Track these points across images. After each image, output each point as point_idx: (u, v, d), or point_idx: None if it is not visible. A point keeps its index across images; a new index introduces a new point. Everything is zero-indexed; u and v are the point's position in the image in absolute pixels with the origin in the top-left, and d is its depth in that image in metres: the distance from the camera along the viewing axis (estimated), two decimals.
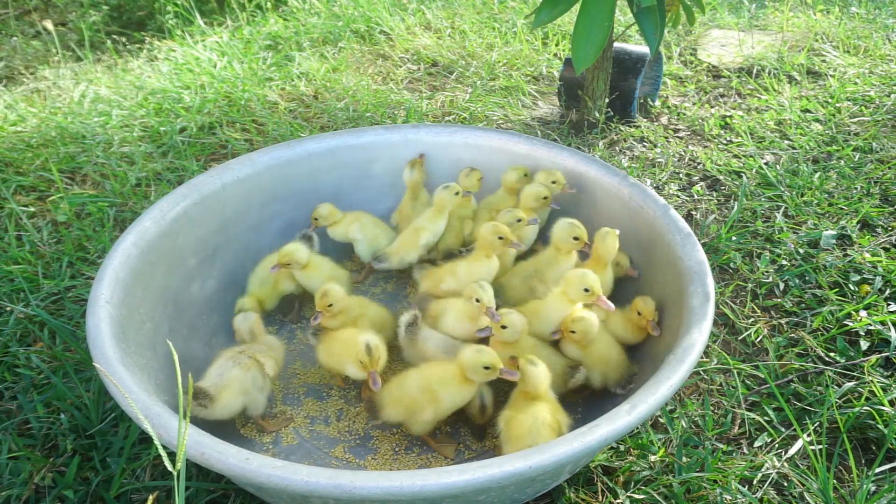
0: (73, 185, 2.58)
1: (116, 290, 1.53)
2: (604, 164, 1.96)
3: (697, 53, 3.48)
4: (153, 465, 1.56)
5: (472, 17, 3.86)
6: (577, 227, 1.78)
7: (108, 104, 3.06)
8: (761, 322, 1.95)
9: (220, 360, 1.62)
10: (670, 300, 1.66)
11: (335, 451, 1.63)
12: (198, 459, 1.18)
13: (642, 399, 1.27)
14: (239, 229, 1.97)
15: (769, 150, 2.67)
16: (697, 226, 2.29)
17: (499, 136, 2.11)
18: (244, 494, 1.51)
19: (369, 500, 1.12)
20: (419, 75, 3.35)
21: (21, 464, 1.55)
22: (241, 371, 1.58)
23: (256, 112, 2.95)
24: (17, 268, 2.11)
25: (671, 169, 2.58)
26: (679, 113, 2.96)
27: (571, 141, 2.74)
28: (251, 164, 1.97)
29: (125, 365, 1.36)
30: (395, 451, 1.63)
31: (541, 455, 1.16)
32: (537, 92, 3.16)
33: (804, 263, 2.09)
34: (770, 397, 1.73)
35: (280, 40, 3.69)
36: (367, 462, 1.60)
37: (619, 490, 1.50)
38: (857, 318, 1.89)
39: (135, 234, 1.67)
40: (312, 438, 1.66)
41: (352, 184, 2.14)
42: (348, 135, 2.12)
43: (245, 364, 1.59)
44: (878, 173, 2.47)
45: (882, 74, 3.13)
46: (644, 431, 1.63)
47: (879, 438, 1.62)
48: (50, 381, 1.76)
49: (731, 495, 1.47)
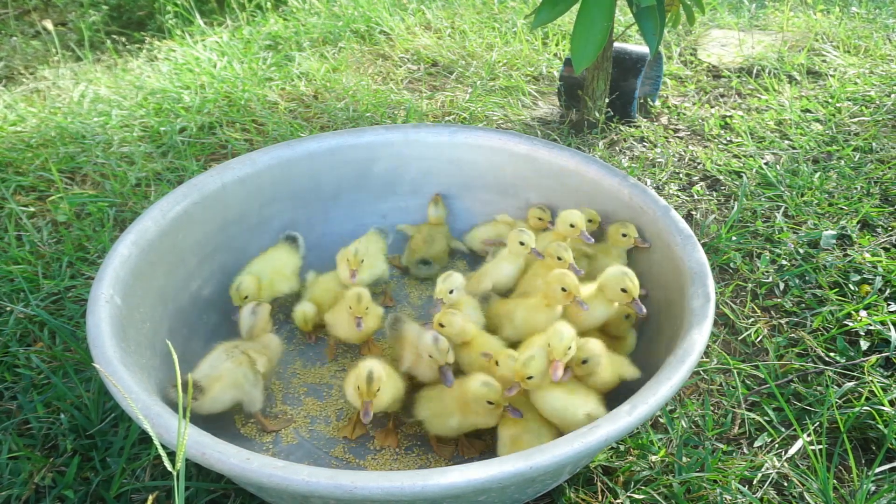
0: (73, 185, 2.58)
1: (116, 290, 1.53)
2: (604, 165, 1.96)
3: (697, 53, 3.48)
4: (153, 465, 1.56)
5: (472, 17, 3.86)
6: (630, 279, 1.63)
7: (107, 104, 3.06)
8: (761, 322, 1.95)
9: (214, 353, 1.62)
10: (670, 301, 1.66)
11: (335, 450, 1.63)
12: (198, 459, 1.18)
13: (643, 399, 1.27)
14: (239, 229, 1.97)
15: (769, 150, 2.67)
16: (697, 226, 2.29)
17: (499, 136, 2.11)
18: (244, 494, 1.51)
19: (370, 500, 1.12)
20: (419, 75, 3.35)
21: (21, 464, 1.55)
22: (232, 364, 1.57)
23: (256, 112, 2.95)
24: (17, 268, 2.11)
25: (671, 169, 2.58)
26: (679, 113, 2.96)
27: (571, 141, 2.74)
28: (251, 164, 1.97)
29: (125, 365, 1.36)
30: (395, 452, 1.63)
31: (541, 455, 1.16)
32: (537, 92, 3.16)
33: (804, 263, 2.09)
34: (770, 397, 1.73)
35: (280, 40, 3.68)
36: (368, 462, 1.60)
37: (619, 490, 1.50)
38: (857, 318, 1.89)
39: (135, 233, 1.67)
40: (312, 438, 1.66)
41: (352, 184, 2.14)
42: (348, 135, 2.12)
43: (237, 359, 1.59)
44: (878, 173, 2.47)
45: (882, 74, 3.13)
46: (644, 431, 1.63)
47: (879, 438, 1.62)
48: (50, 381, 1.76)
49: (731, 495, 1.47)
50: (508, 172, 2.11)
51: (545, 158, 2.05)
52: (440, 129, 2.15)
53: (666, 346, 1.53)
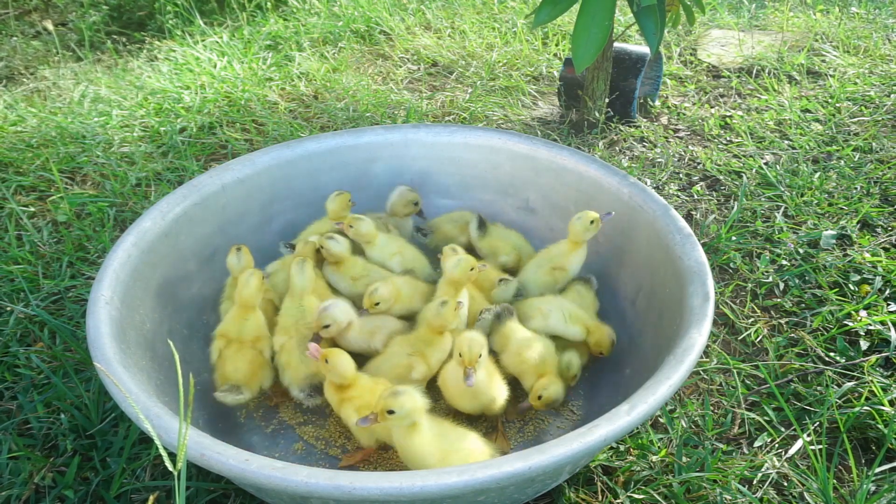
0: (74, 185, 2.58)
1: (116, 291, 1.53)
2: (604, 164, 1.96)
3: (697, 53, 3.48)
4: (153, 465, 1.56)
5: (472, 17, 3.86)
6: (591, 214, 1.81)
7: (108, 104, 3.06)
8: (761, 322, 1.95)
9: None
10: (670, 300, 1.65)
11: (334, 451, 1.63)
12: (197, 460, 1.18)
13: (642, 399, 1.27)
14: (239, 230, 1.97)
15: (769, 150, 2.67)
16: (697, 226, 2.29)
17: (499, 136, 2.11)
18: (244, 494, 1.51)
19: (369, 500, 1.12)
20: (419, 75, 3.35)
21: (21, 464, 1.56)
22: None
23: (256, 112, 2.95)
24: (18, 268, 2.11)
25: (671, 169, 2.58)
26: (679, 113, 2.96)
27: (571, 141, 2.74)
28: (251, 165, 1.97)
29: (125, 365, 1.36)
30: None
31: (541, 455, 1.16)
32: (537, 92, 3.16)
33: (804, 263, 2.09)
34: (770, 397, 1.72)
35: (280, 40, 3.69)
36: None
37: (618, 490, 1.50)
38: (857, 318, 1.89)
39: (135, 234, 1.67)
40: (311, 439, 1.66)
41: (352, 184, 2.14)
42: (348, 135, 2.12)
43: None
44: (878, 173, 2.47)
45: (882, 74, 3.13)
46: (644, 431, 1.63)
47: (879, 438, 1.62)
48: (50, 381, 1.76)
49: (731, 495, 1.47)
50: (508, 172, 2.11)
51: (545, 158, 2.05)
52: (440, 129, 2.15)
53: (665, 346, 1.53)
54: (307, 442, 1.65)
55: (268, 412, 1.72)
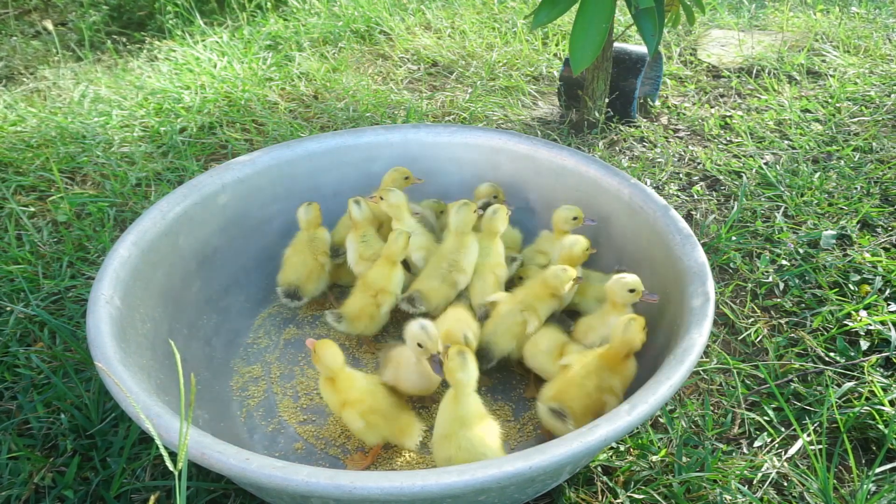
0: (74, 185, 2.58)
1: (117, 290, 1.53)
2: (604, 165, 1.96)
3: (697, 53, 3.48)
4: (153, 464, 1.56)
5: (472, 17, 3.86)
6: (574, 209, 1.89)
7: (108, 104, 3.06)
8: (761, 322, 1.95)
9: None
10: (670, 300, 1.66)
11: (334, 450, 1.63)
12: (198, 460, 1.18)
13: (642, 399, 1.27)
14: (239, 229, 1.97)
15: (769, 150, 2.67)
16: (697, 226, 2.29)
17: (499, 136, 2.11)
18: (244, 494, 1.51)
19: (369, 500, 1.12)
20: (419, 75, 3.35)
21: (21, 464, 1.56)
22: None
23: (256, 112, 2.95)
24: (17, 268, 2.11)
25: (671, 169, 2.58)
26: (679, 113, 2.96)
27: (571, 141, 2.74)
28: (251, 164, 1.97)
29: (125, 365, 1.36)
30: (395, 451, 1.63)
31: (541, 455, 1.16)
32: (537, 92, 3.16)
33: (804, 263, 2.09)
34: (770, 397, 1.73)
35: (280, 40, 3.69)
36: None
37: (619, 490, 1.50)
38: (857, 318, 1.89)
39: (135, 234, 1.67)
40: (312, 438, 1.66)
41: (352, 184, 2.14)
42: (348, 135, 2.12)
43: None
44: (878, 173, 2.47)
45: (882, 74, 3.13)
46: (644, 431, 1.63)
47: (879, 438, 1.62)
48: (50, 381, 1.76)
49: (731, 495, 1.47)
50: (508, 172, 2.11)
51: (545, 158, 2.05)
52: (440, 129, 2.15)
53: (665, 346, 1.54)
54: (307, 441, 1.65)
55: (268, 412, 1.72)
